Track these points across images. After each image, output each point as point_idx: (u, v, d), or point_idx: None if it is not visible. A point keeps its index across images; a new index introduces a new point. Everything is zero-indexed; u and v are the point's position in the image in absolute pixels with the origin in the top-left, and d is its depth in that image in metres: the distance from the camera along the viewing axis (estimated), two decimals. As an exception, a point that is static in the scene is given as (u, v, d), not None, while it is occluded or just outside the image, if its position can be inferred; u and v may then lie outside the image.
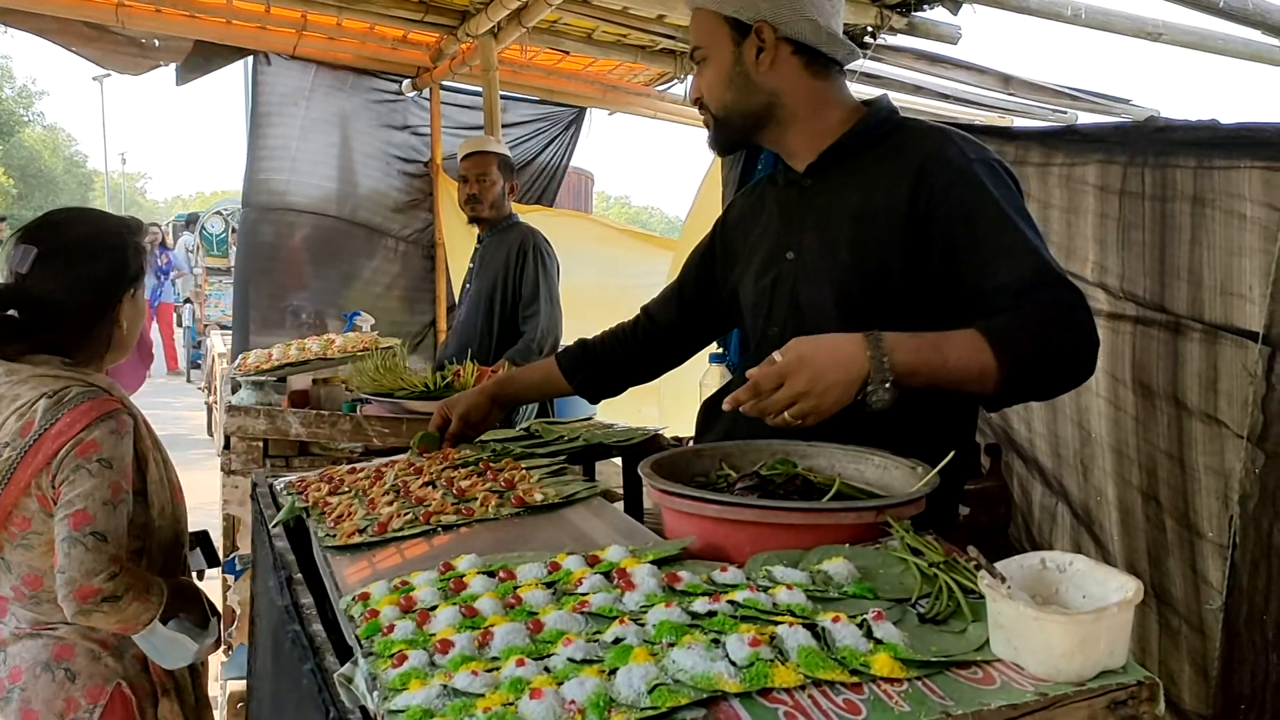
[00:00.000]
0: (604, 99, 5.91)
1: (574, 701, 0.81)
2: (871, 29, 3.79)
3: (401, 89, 5.68)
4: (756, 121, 1.54)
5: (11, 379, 1.70)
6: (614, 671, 0.85)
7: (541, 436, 1.95)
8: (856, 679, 0.85)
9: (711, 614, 0.96)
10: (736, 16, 1.49)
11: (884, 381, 1.22)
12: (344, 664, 1.00)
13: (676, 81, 5.52)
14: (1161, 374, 1.89)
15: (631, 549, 1.16)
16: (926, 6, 3.75)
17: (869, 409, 1.24)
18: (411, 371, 2.71)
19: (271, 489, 1.77)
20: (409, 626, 1.00)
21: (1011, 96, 4.79)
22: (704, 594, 1.01)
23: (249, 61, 5.31)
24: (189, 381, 12.04)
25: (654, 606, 0.98)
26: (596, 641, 0.93)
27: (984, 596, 0.91)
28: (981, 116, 5.13)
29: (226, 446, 2.72)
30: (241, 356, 3.16)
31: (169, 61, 4.96)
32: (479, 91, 5.14)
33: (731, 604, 0.97)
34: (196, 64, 4.98)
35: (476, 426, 1.87)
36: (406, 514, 1.44)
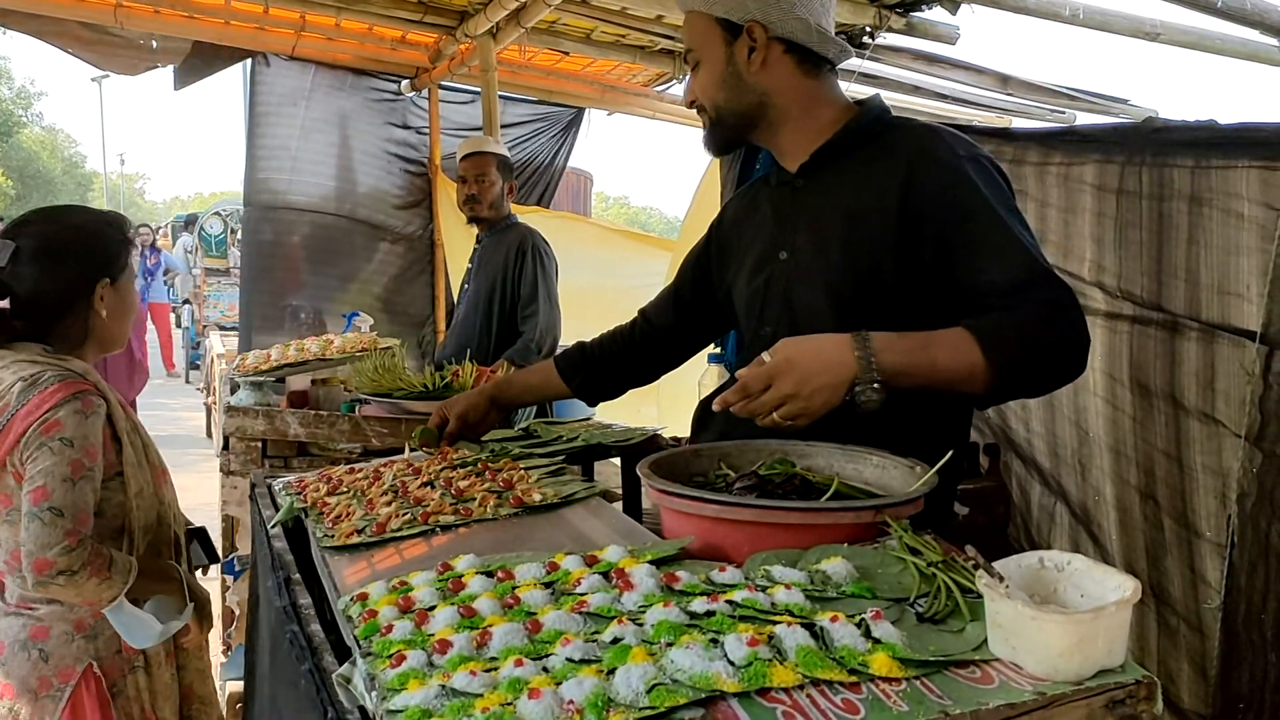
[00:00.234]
0: (603, 99, 5.91)
1: (572, 701, 0.81)
2: (870, 29, 3.79)
3: (400, 89, 5.67)
4: (750, 121, 1.55)
5: None
6: (612, 671, 0.86)
7: (540, 437, 1.95)
8: (855, 678, 0.85)
9: (710, 614, 0.96)
10: (727, 17, 1.49)
11: (872, 382, 1.23)
12: (342, 664, 1.00)
13: (675, 82, 5.51)
14: (1159, 373, 1.90)
15: (630, 549, 1.16)
16: (925, 7, 3.75)
17: (858, 409, 1.24)
18: (410, 372, 2.71)
19: (270, 489, 1.77)
20: (407, 626, 1.01)
21: (1010, 97, 4.79)
22: (702, 594, 1.01)
23: (248, 62, 5.30)
24: (188, 382, 12.03)
25: (652, 606, 0.98)
26: (595, 641, 0.93)
27: (982, 596, 0.91)
28: (980, 116, 5.13)
29: (225, 447, 2.72)
30: (240, 357, 3.16)
31: (167, 63, 4.96)
32: (478, 92, 5.14)
33: (730, 604, 0.97)
34: (195, 67, 4.98)
35: (474, 427, 1.87)
36: (405, 514, 1.44)
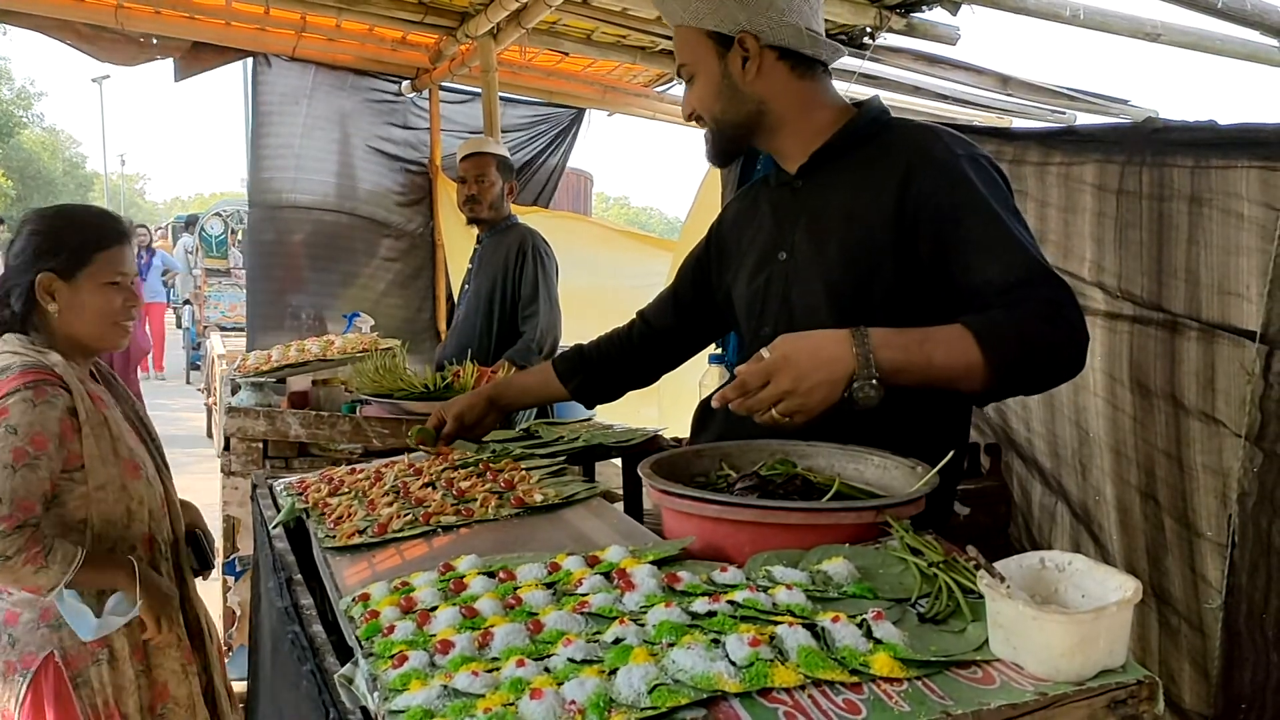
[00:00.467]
0: (603, 100, 5.91)
1: (574, 702, 0.81)
2: (870, 29, 3.80)
3: (401, 89, 5.68)
4: (749, 129, 1.55)
5: None
6: (614, 672, 0.86)
7: (541, 437, 1.96)
8: (856, 679, 0.85)
9: (711, 614, 0.96)
10: (719, 30, 1.49)
11: (870, 379, 1.23)
12: (344, 665, 1.00)
13: (675, 82, 5.51)
14: (1159, 373, 1.90)
15: (631, 549, 1.16)
16: (925, 7, 3.75)
17: (856, 406, 1.24)
18: (411, 372, 2.71)
19: (271, 490, 1.77)
20: (409, 627, 1.01)
21: (1010, 97, 4.79)
22: (704, 594, 1.01)
23: (248, 61, 5.30)
24: (188, 383, 12.03)
25: (654, 607, 0.98)
26: (596, 642, 0.93)
27: (983, 596, 0.91)
28: (980, 117, 5.13)
29: (226, 448, 2.72)
30: (241, 358, 3.16)
31: (166, 55, 4.96)
32: (478, 92, 5.14)
33: (731, 604, 0.97)
34: (195, 60, 4.97)
35: (471, 428, 1.87)
36: (406, 515, 1.44)
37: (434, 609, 1.05)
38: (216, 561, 2.20)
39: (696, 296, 1.77)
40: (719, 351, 2.45)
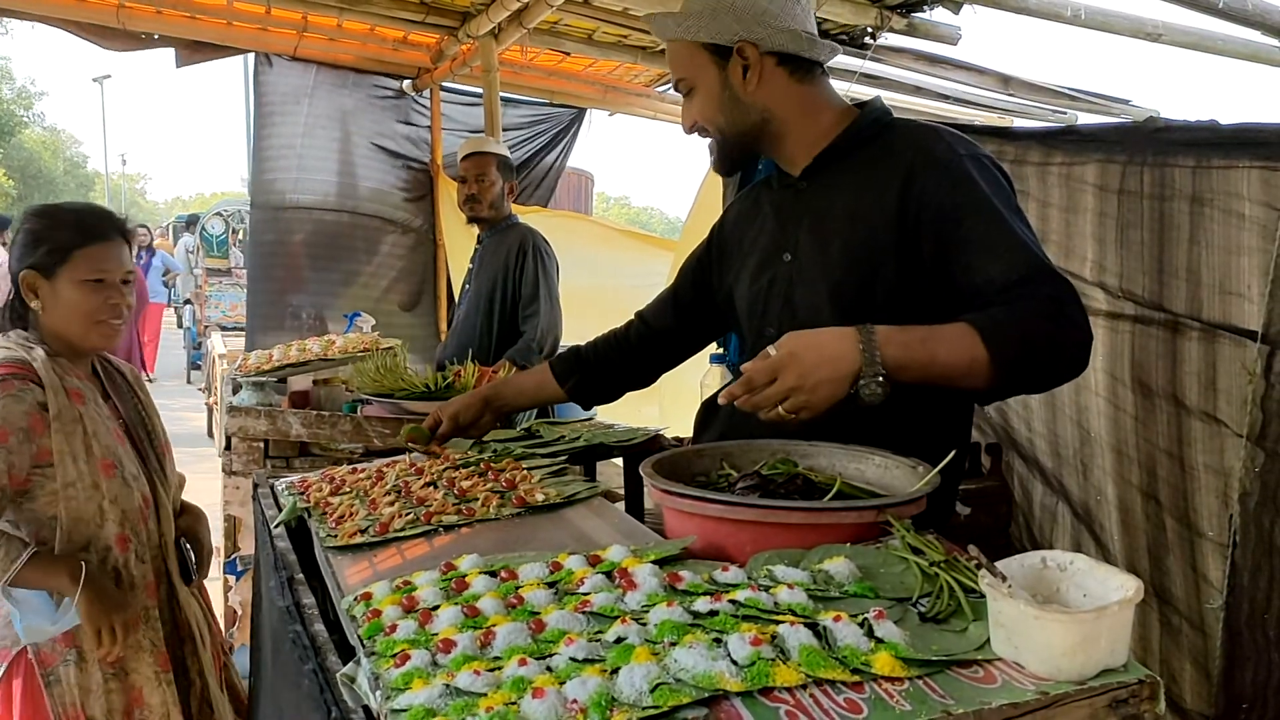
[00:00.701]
0: (604, 100, 5.91)
1: (576, 701, 0.82)
2: (871, 30, 3.80)
3: (403, 88, 5.68)
4: (754, 138, 1.55)
5: None
6: (616, 671, 0.86)
7: (542, 437, 1.96)
8: (858, 678, 0.85)
9: (713, 613, 0.96)
10: (715, 41, 1.49)
11: (875, 376, 1.23)
12: (346, 664, 1.00)
13: (676, 82, 5.51)
14: (1160, 373, 1.90)
15: (633, 549, 1.16)
16: (926, 7, 3.75)
17: (861, 403, 1.24)
18: (412, 372, 2.72)
19: (273, 489, 1.77)
20: (411, 626, 1.01)
21: (1011, 97, 4.79)
22: (705, 593, 1.01)
23: (249, 60, 5.30)
24: (189, 383, 12.04)
25: (655, 606, 0.98)
26: (598, 641, 0.93)
27: (985, 595, 0.91)
28: (981, 117, 5.13)
29: (227, 447, 2.73)
30: (242, 357, 3.16)
31: (168, 45, 4.95)
32: (479, 92, 5.14)
33: (733, 603, 0.97)
34: (196, 48, 4.96)
35: (466, 429, 1.87)
36: (408, 514, 1.44)
37: (436, 608, 1.05)
38: (217, 563, 2.18)
39: (696, 297, 1.77)
40: (720, 351, 2.45)
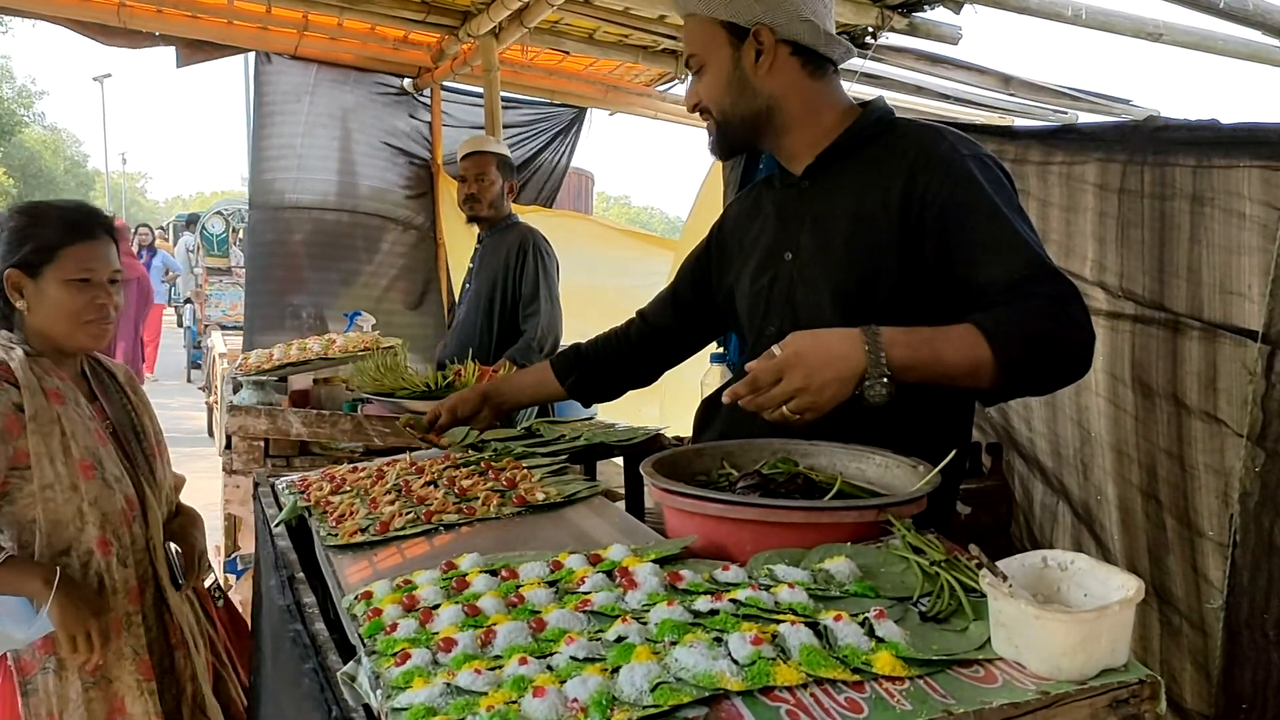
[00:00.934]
0: (605, 99, 5.90)
1: (576, 700, 0.82)
2: (872, 29, 3.79)
3: (404, 86, 5.67)
4: (756, 125, 1.54)
5: None
6: (616, 670, 0.86)
7: (543, 436, 1.96)
8: (858, 677, 0.85)
9: (713, 612, 0.96)
10: (733, 21, 1.49)
11: (880, 377, 1.23)
12: (346, 663, 1.00)
13: (677, 82, 5.51)
14: (1161, 372, 1.90)
15: (633, 548, 1.16)
16: (927, 7, 3.75)
17: (866, 404, 1.24)
18: (412, 371, 2.72)
19: (273, 488, 1.77)
20: (412, 625, 1.01)
21: (1012, 97, 4.79)
22: (706, 593, 1.01)
23: (249, 59, 5.30)
24: (189, 381, 12.04)
25: (656, 605, 0.98)
26: (599, 640, 0.93)
27: (985, 595, 0.91)
28: (982, 117, 5.12)
29: (228, 446, 2.73)
30: (243, 356, 3.16)
31: (169, 44, 4.95)
32: (479, 92, 5.14)
33: (733, 603, 0.97)
34: (197, 48, 4.96)
35: (463, 422, 1.88)
36: (408, 513, 1.44)
37: (436, 607, 1.05)
38: (217, 562, 2.16)
39: (696, 296, 1.77)
40: (720, 351, 2.45)
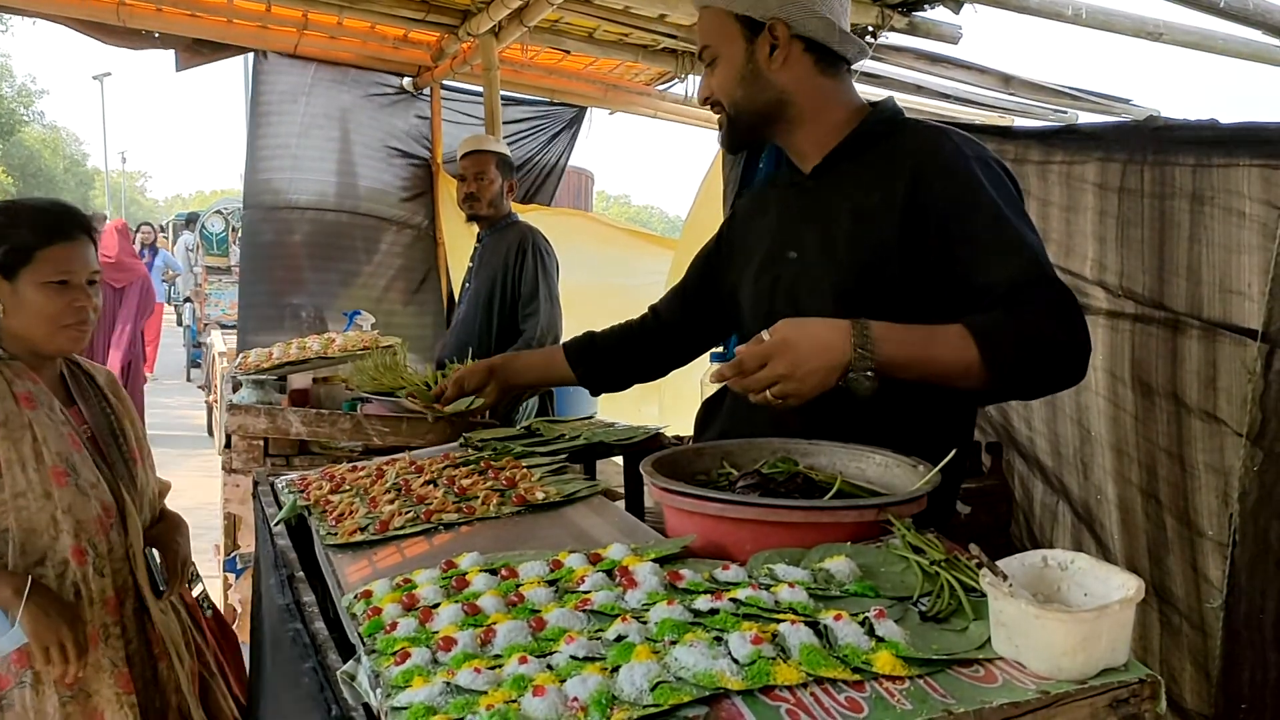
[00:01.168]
0: (605, 98, 5.90)
1: (576, 699, 0.81)
2: (872, 28, 3.79)
3: (403, 85, 5.66)
4: (767, 119, 1.55)
5: None
6: (616, 669, 0.86)
7: (542, 435, 1.96)
8: (858, 677, 0.85)
9: (713, 612, 0.96)
10: (749, 14, 1.49)
11: (865, 370, 1.25)
12: (346, 662, 1.00)
13: (677, 81, 5.50)
14: (1160, 372, 1.90)
15: (633, 547, 1.16)
16: (927, 6, 3.75)
17: (852, 394, 1.26)
18: (412, 370, 2.71)
19: (273, 487, 1.77)
20: (411, 624, 1.01)
21: (1012, 96, 4.78)
22: (706, 592, 1.01)
23: (249, 58, 5.29)
24: (189, 380, 12.04)
25: (656, 604, 0.98)
26: (599, 639, 0.93)
27: (985, 595, 0.91)
28: (982, 116, 5.12)
29: (227, 445, 2.72)
30: (242, 355, 3.16)
31: (168, 46, 4.95)
32: (479, 91, 5.14)
33: (733, 602, 0.97)
34: (197, 51, 4.96)
35: (469, 394, 1.90)
36: (408, 512, 1.44)
37: (436, 606, 1.05)
38: (216, 561, 2.15)
39: (704, 292, 1.78)
40: (720, 350, 2.45)
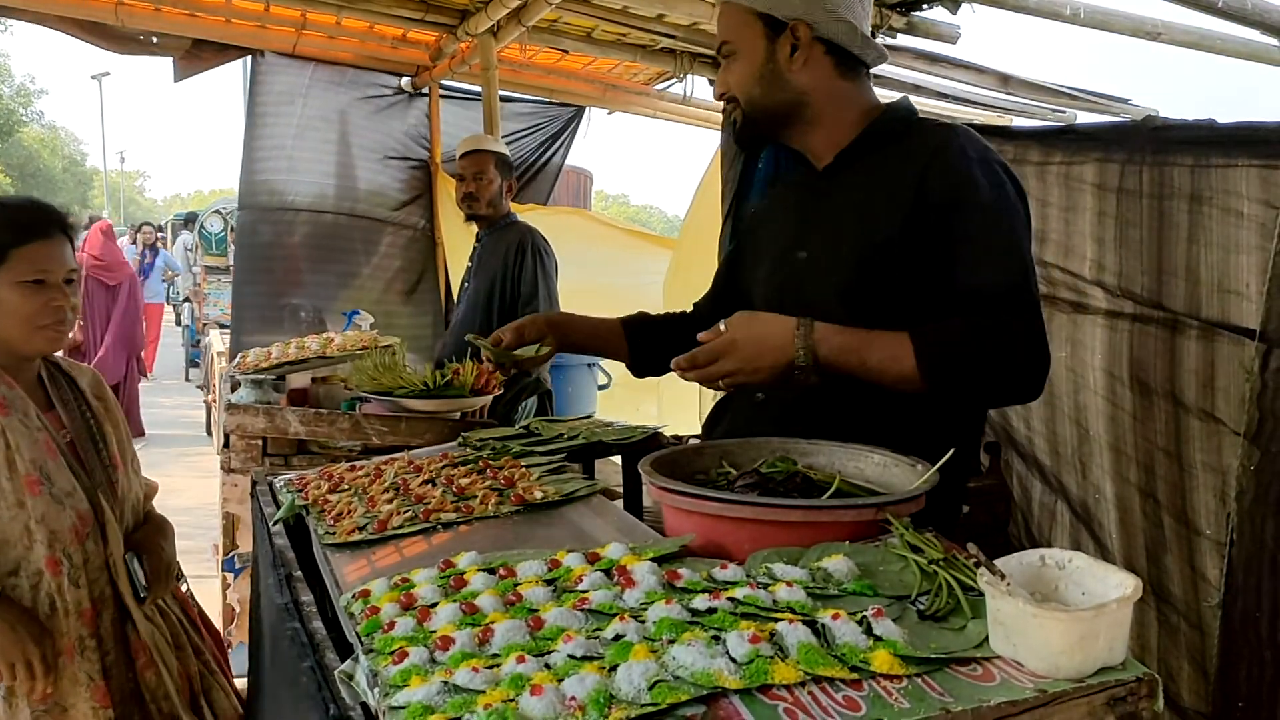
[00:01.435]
0: (603, 98, 5.90)
1: (574, 698, 0.82)
2: (871, 28, 3.79)
3: (401, 85, 5.66)
4: (783, 119, 1.56)
5: None
6: (614, 668, 0.86)
7: (541, 435, 1.96)
8: (856, 676, 0.85)
9: (712, 611, 0.96)
10: (771, 13, 1.50)
11: (808, 368, 1.34)
12: (344, 661, 1.00)
13: (676, 80, 5.49)
14: (1159, 371, 1.90)
15: (631, 546, 1.16)
16: (926, 6, 3.74)
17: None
18: (410, 370, 2.71)
19: (271, 487, 1.77)
20: (409, 623, 1.01)
21: (1010, 96, 4.79)
22: (704, 591, 1.01)
23: (248, 60, 5.29)
24: (188, 380, 12.04)
25: (654, 604, 0.98)
26: (597, 638, 0.93)
27: (983, 594, 0.92)
28: (981, 116, 5.12)
29: (226, 445, 2.72)
30: (241, 355, 3.16)
31: (167, 54, 4.95)
32: (478, 90, 5.14)
33: (731, 601, 0.97)
34: (195, 59, 4.96)
35: (529, 342, 1.84)
36: (406, 512, 1.44)
37: (434, 605, 1.05)
38: (214, 561, 2.13)
39: (730, 293, 1.80)
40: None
